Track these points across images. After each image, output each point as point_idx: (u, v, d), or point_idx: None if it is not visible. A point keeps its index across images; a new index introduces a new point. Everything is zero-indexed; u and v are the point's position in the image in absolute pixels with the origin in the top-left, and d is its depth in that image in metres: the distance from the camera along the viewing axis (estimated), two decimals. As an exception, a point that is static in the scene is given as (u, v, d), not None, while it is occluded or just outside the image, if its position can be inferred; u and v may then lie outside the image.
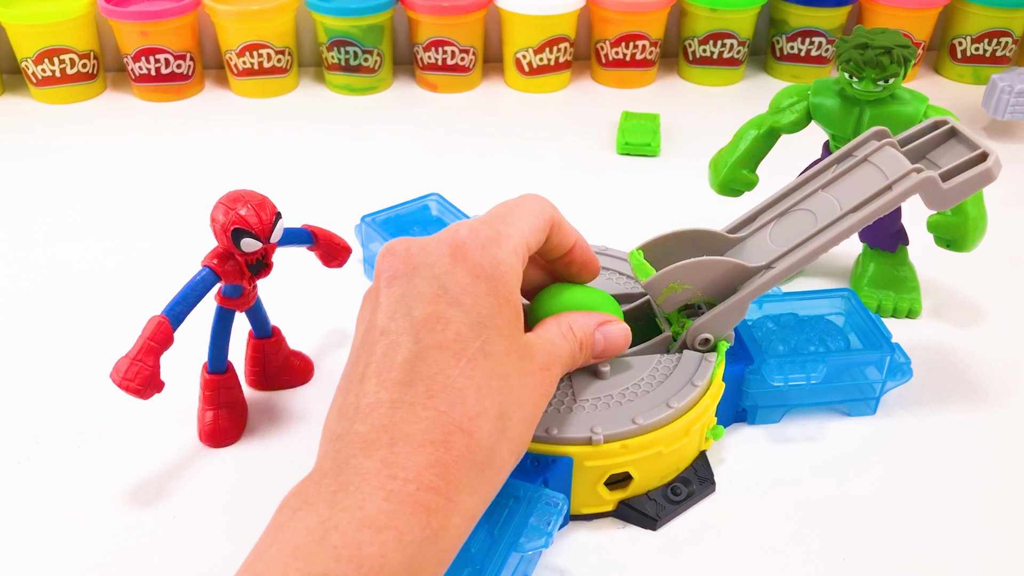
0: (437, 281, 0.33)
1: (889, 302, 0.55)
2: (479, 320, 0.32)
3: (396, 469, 0.29)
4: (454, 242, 0.33)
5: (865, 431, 0.46)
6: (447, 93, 0.87)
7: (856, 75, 0.49)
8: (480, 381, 0.31)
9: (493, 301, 0.33)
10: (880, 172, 0.42)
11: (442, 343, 0.31)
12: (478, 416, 0.31)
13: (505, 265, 0.34)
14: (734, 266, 0.41)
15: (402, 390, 0.31)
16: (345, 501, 0.28)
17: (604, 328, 0.39)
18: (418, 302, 0.32)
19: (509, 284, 0.33)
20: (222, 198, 0.40)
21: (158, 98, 0.85)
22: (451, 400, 0.30)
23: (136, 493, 0.42)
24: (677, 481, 0.42)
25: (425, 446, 0.29)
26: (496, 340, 0.32)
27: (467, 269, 0.33)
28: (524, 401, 0.33)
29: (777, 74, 0.90)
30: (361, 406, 0.31)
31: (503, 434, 0.31)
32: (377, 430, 0.30)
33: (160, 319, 0.39)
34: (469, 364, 0.31)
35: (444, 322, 0.32)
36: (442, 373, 0.31)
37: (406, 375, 0.31)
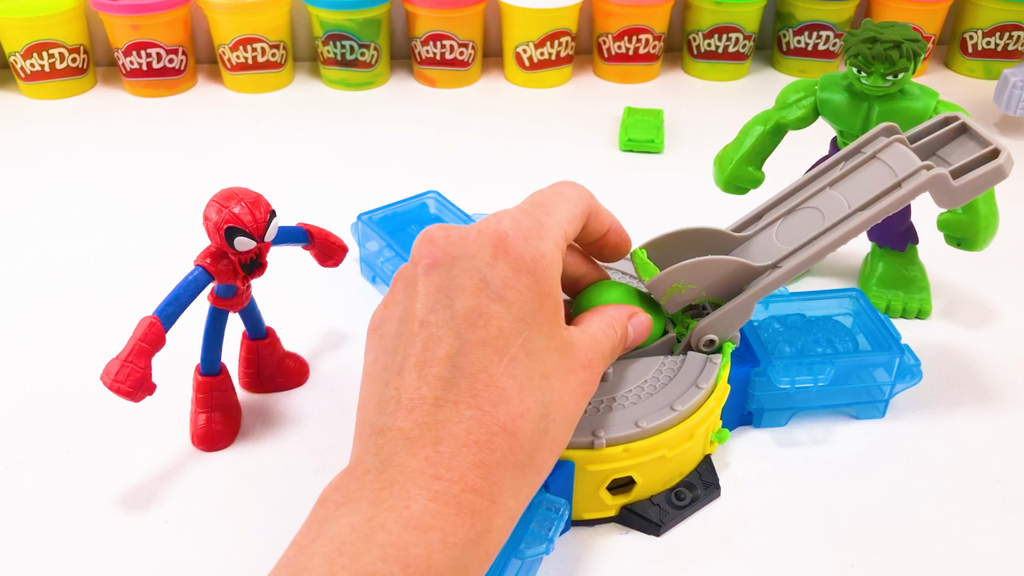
0: (479, 274, 0.33)
1: (898, 302, 0.55)
2: (521, 316, 0.32)
3: (441, 469, 0.29)
4: (496, 233, 0.33)
5: (874, 435, 0.46)
6: (445, 88, 0.87)
7: (864, 70, 0.49)
8: (523, 380, 0.31)
9: (535, 296, 0.33)
10: (889, 169, 0.42)
11: (484, 339, 0.32)
12: (521, 416, 0.31)
13: (547, 259, 0.34)
14: (739, 265, 0.41)
15: (444, 387, 0.31)
16: (390, 500, 0.28)
17: (634, 320, 0.39)
18: (459, 295, 0.32)
19: (551, 278, 0.34)
20: (215, 196, 0.40)
21: (150, 93, 0.85)
22: (494, 399, 0.31)
23: (127, 498, 0.42)
24: (681, 486, 0.42)
25: (469, 446, 0.30)
26: (538, 337, 0.32)
27: (509, 263, 0.33)
28: (567, 400, 0.33)
29: (784, 69, 0.90)
30: (403, 401, 0.31)
31: (545, 435, 0.32)
32: (421, 427, 0.30)
33: (151, 320, 0.39)
34: (512, 362, 0.31)
35: (486, 317, 0.32)
36: (485, 371, 0.31)
37: (448, 371, 0.31)
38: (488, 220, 0.34)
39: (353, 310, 0.55)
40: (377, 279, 0.57)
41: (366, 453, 0.31)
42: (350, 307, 0.55)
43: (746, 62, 0.89)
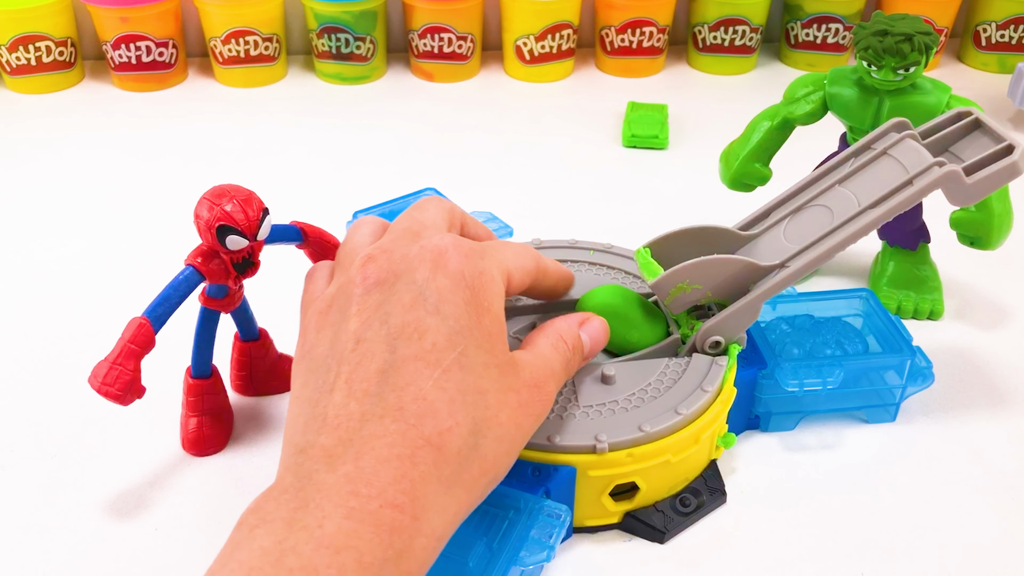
0: (416, 288, 0.33)
1: (909, 303, 0.54)
2: (457, 330, 0.32)
3: (359, 485, 0.29)
4: (436, 249, 0.34)
5: (884, 439, 0.46)
6: (443, 82, 0.87)
7: (875, 63, 0.49)
8: (454, 394, 0.31)
9: (473, 311, 0.33)
10: (900, 166, 0.42)
11: (417, 353, 0.31)
12: (448, 431, 0.31)
13: (487, 275, 0.34)
14: (746, 265, 0.41)
15: (372, 401, 0.31)
16: (304, 519, 0.28)
17: (586, 327, 0.39)
18: (396, 310, 0.32)
19: (491, 294, 0.34)
20: (206, 193, 0.40)
21: (139, 87, 0.85)
22: (421, 412, 0.30)
23: (116, 504, 0.42)
24: (686, 492, 0.42)
25: (391, 460, 0.29)
26: (475, 352, 0.32)
27: (448, 276, 0.33)
28: (503, 419, 0.32)
29: (792, 62, 0.90)
30: (328, 417, 0.31)
31: (474, 451, 0.31)
32: (344, 443, 0.30)
33: (141, 321, 0.39)
34: (444, 375, 0.31)
35: (421, 331, 0.32)
36: (414, 384, 0.31)
37: (377, 386, 0.31)
38: (431, 237, 0.35)
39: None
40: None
41: (287, 472, 0.30)
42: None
43: (753, 56, 0.89)
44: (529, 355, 0.35)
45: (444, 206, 0.38)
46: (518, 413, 0.33)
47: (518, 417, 0.33)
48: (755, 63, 0.90)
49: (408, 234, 0.36)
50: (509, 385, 0.33)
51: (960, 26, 0.93)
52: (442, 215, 0.38)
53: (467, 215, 0.39)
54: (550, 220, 0.64)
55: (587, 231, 0.56)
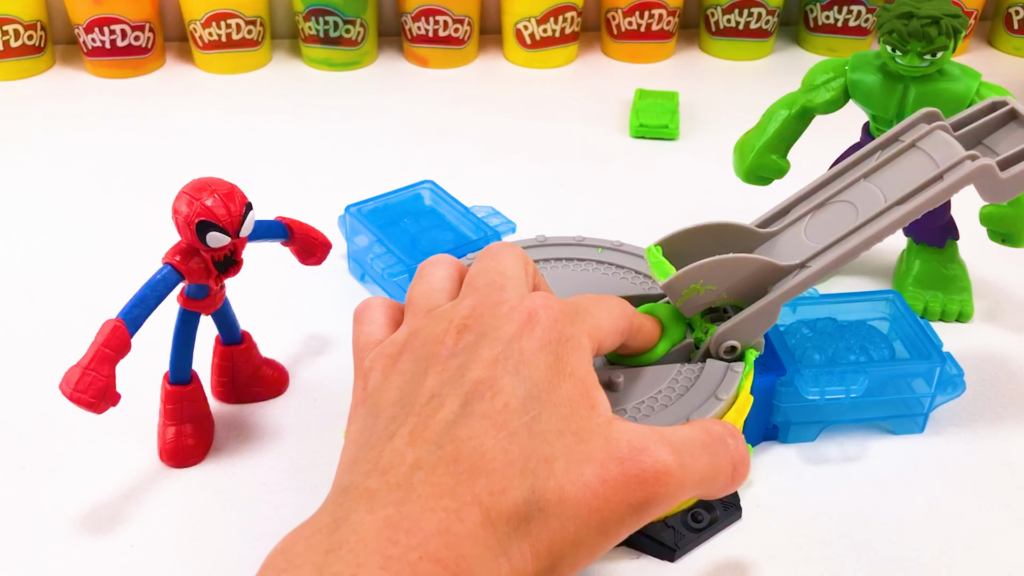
0: (500, 345, 0.33)
1: (937, 304, 0.54)
2: (534, 395, 0.32)
3: (400, 532, 0.28)
4: (527, 310, 0.34)
5: (912, 451, 0.46)
6: (439, 68, 0.87)
7: (900, 48, 0.49)
8: (515, 457, 0.30)
9: (554, 376, 0.32)
10: (930, 159, 0.41)
11: (487, 411, 0.31)
12: (501, 492, 0.30)
13: (574, 342, 0.34)
14: (764, 264, 0.41)
15: (429, 450, 0.30)
16: (336, 565, 0.27)
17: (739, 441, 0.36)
18: (475, 365, 0.32)
19: (575, 360, 0.33)
20: (185, 187, 0.40)
21: (113, 74, 0.85)
22: (476, 468, 0.30)
23: (88, 520, 0.42)
24: (698, 506, 0.42)
25: (436, 511, 0.29)
26: (548, 418, 0.32)
27: (534, 339, 0.33)
28: (569, 495, 0.30)
29: (811, 47, 0.90)
30: (381, 461, 0.31)
31: (527, 524, 0.30)
32: (389, 487, 0.29)
33: (115, 323, 0.39)
34: (509, 437, 0.31)
35: (495, 390, 0.32)
36: (476, 439, 0.30)
37: (439, 436, 0.31)
38: (519, 294, 0.35)
39: (339, 312, 0.55)
40: (367, 277, 0.56)
41: (324, 511, 0.30)
42: (335, 309, 0.55)
43: (769, 40, 0.89)
44: (638, 427, 0.33)
45: (518, 254, 0.38)
46: (598, 495, 0.31)
47: (596, 501, 0.31)
48: (772, 48, 0.90)
49: (492, 289, 0.36)
50: (588, 456, 0.31)
51: (991, 8, 0.93)
52: (519, 264, 0.37)
53: (529, 260, 0.39)
54: (554, 215, 0.64)
55: (594, 227, 0.56)
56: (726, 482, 0.35)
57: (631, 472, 0.31)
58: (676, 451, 0.32)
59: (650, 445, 0.32)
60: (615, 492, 0.31)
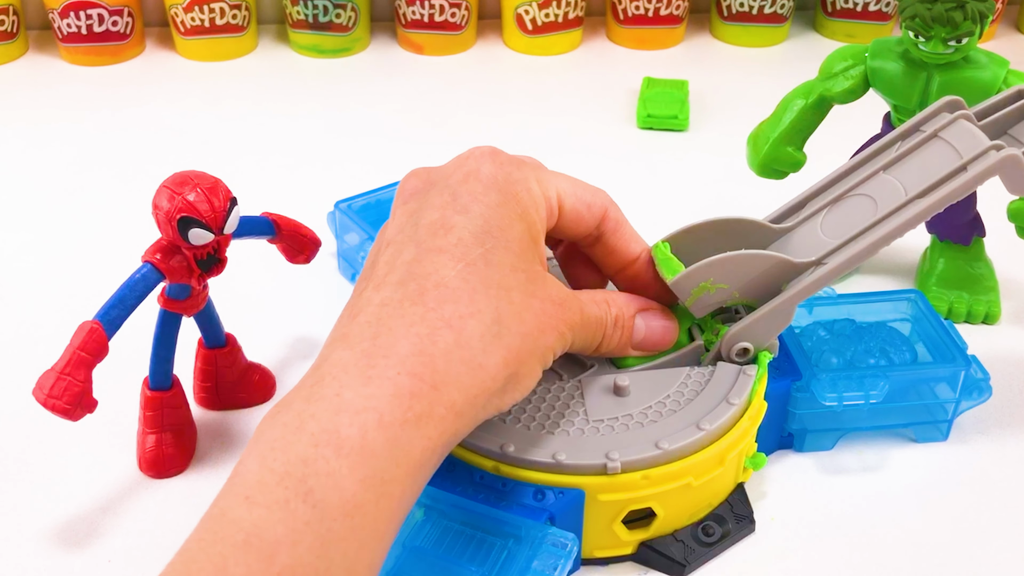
0: (449, 191, 0.37)
1: (962, 305, 0.54)
2: (486, 229, 0.36)
3: (376, 358, 0.32)
4: (472, 156, 0.38)
5: (935, 460, 0.46)
6: (435, 56, 0.87)
7: (923, 34, 0.49)
8: (476, 284, 0.35)
9: (504, 213, 0.37)
10: (953, 150, 0.42)
11: (442, 247, 0.35)
12: (469, 315, 0.34)
13: (521, 184, 0.38)
14: (778, 262, 0.41)
15: (393, 290, 0.34)
16: (322, 391, 0.32)
17: (646, 314, 0.41)
18: (426, 211, 0.37)
19: (524, 203, 0.37)
20: (166, 181, 0.40)
21: (90, 61, 0.85)
22: (441, 297, 0.34)
23: (64, 532, 0.42)
24: (709, 519, 0.42)
25: (409, 337, 0.33)
26: (502, 253, 0.36)
27: (480, 180, 0.37)
28: (527, 317, 0.35)
29: (829, 33, 0.90)
30: (354, 310, 0.35)
31: (497, 339, 0.34)
32: (361, 327, 0.34)
33: (92, 325, 0.39)
34: (467, 268, 0.35)
35: (447, 228, 0.36)
36: (437, 273, 0.35)
37: (401, 276, 0.35)
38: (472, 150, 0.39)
39: (328, 313, 0.55)
40: (357, 277, 0.56)
41: (309, 370, 0.34)
42: (325, 310, 0.55)
43: (785, 25, 0.89)
44: (566, 289, 0.38)
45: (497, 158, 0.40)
46: (543, 318, 0.36)
47: (542, 322, 0.36)
48: (787, 33, 0.90)
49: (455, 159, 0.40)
50: (534, 292, 0.36)
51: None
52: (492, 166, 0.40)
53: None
54: (555, 211, 0.64)
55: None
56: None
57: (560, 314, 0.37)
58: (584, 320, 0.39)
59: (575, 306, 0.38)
60: (552, 322, 0.37)
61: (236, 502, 0.30)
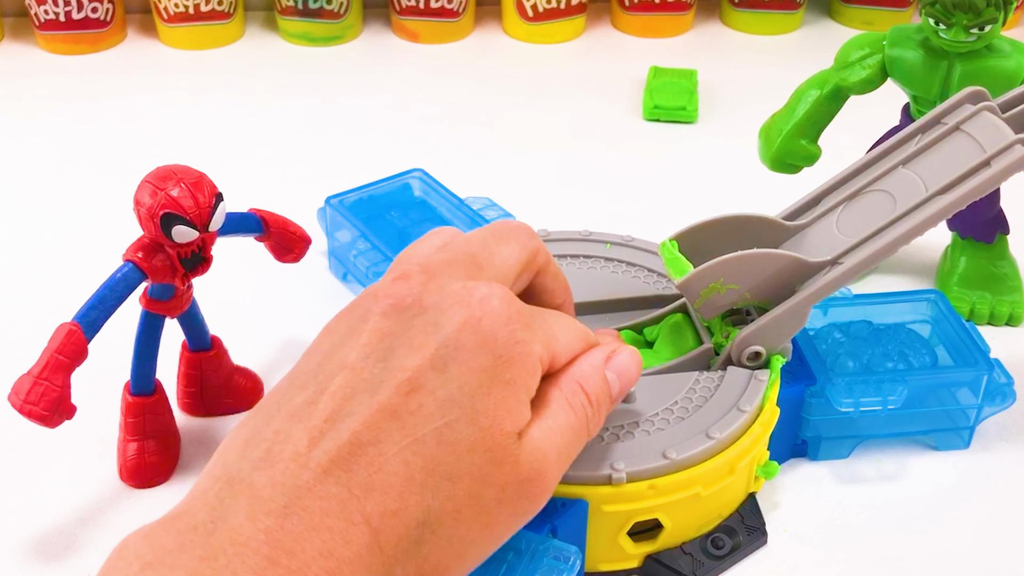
0: (439, 333, 0.33)
1: (985, 306, 0.54)
2: (456, 396, 0.32)
3: (280, 552, 0.29)
4: (479, 297, 0.33)
5: (956, 469, 0.46)
6: (431, 44, 0.87)
7: (943, 21, 0.49)
8: (416, 471, 0.31)
9: (488, 379, 0.33)
10: (976, 144, 0.42)
11: (398, 411, 0.32)
12: (393, 514, 0.31)
13: (522, 348, 0.33)
14: (792, 261, 0.41)
15: (326, 450, 0.31)
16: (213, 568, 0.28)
17: (613, 364, 0.37)
18: (402, 350, 0.33)
19: (519, 367, 0.33)
20: (149, 176, 0.40)
21: (68, 50, 0.85)
22: (370, 484, 0.31)
23: (41, 545, 0.42)
24: (719, 531, 0.42)
25: (321, 531, 0.30)
26: (464, 428, 0.32)
27: (477, 332, 0.33)
28: (466, 516, 0.32)
29: (845, 20, 0.90)
30: (273, 451, 0.31)
31: (416, 547, 0.31)
32: (275, 488, 0.30)
33: (70, 327, 0.39)
34: (414, 445, 0.31)
35: (414, 387, 0.32)
36: (377, 446, 0.31)
37: (340, 433, 0.31)
38: (484, 286, 0.34)
39: (319, 315, 0.55)
40: (349, 276, 0.56)
41: (202, 502, 0.30)
42: (314, 311, 0.55)
43: (799, 11, 0.89)
44: (537, 430, 0.34)
45: (528, 244, 0.38)
46: (493, 513, 0.33)
47: (491, 518, 0.33)
48: (801, 20, 0.90)
49: (468, 261, 0.35)
50: (494, 479, 0.32)
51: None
52: (521, 254, 0.37)
53: (552, 262, 0.39)
54: (558, 207, 0.64)
55: (602, 220, 0.56)
56: None
57: (525, 493, 0.33)
58: (563, 453, 0.35)
59: (549, 467, 0.34)
60: (509, 508, 0.33)
61: None
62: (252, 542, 0.29)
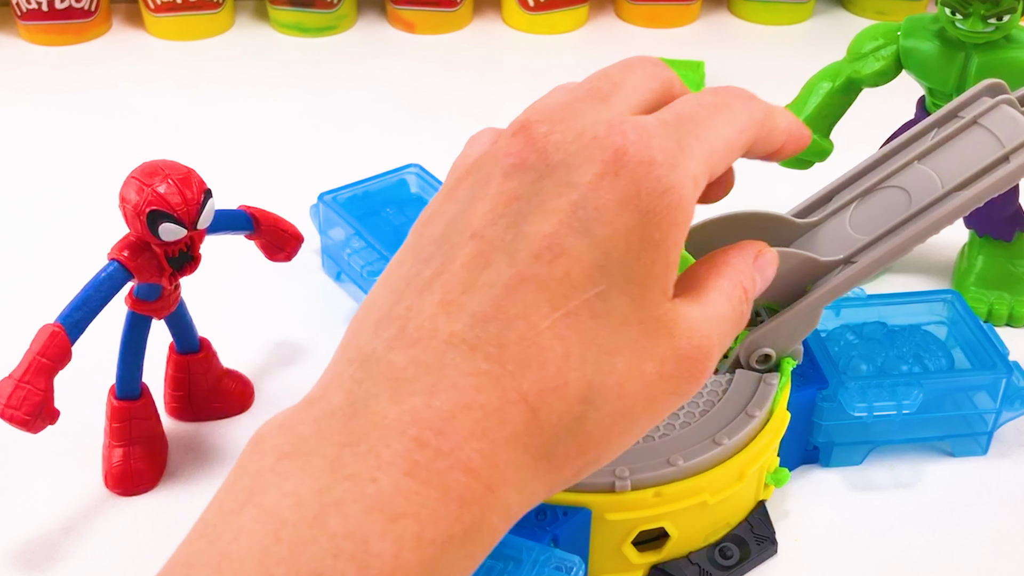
0: (573, 192, 0.30)
1: (1003, 306, 0.54)
2: (604, 264, 0.30)
3: (429, 432, 0.28)
4: (616, 147, 0.31)
5: (973, 475, 0.46)
6: (428, 34, 0.87)
7: (961, 11, 0.49)
8: (572, 345, 0.30)
9: (637, 242, 0.30)
10: (994, 138, 0.42)
11: (543, 279, 0.30)
12: (552, 391, 0.29)
13: (672, 196, 0.31)
14: (803, 260, 0.41)
15: (469, 324, 0.29)
16: (354, 465, 0.27)
17: (760, 263, 0.36)
18: (536, 213, 0.30)
19: (667, 224, 0.31)
20: (135, 171, 0.40)
21: (51, 40, 0.85)
22: (524, 358, 0.29)
23: (23, 555, 0.42)
24: (727, 540, 0.42)
25: (473, 408, 0.28)
26: (617, 297, 0.30)
27: (617, 188, 0.30)
28: (629, 391, 0.30)
29: (858, 9, 0.90)
30: (409, 327, 0.30)
31: (579, 424, 0.30)
32: (419, 367, 0.29)
33: (53, 329, 0.39)
34: (566, 318, 0.30)
35: (556, 252, 0.30)
36: (526, 319, 0.29)
37: (481, 305, 0.30)
38: (614, 123, 0.31)
39: (311, 315, 0.55)
40: (343, 275, 0.56)
41: (338, 385, 0.30)
42: (307, 312, 0.55)
43: (810, 1, 0.89)
44: (696, 311, 0.32)
45: (661, 75, 0.35)
46: (655, 388, 0.31)
47: (653, 394, 0.31)
48: (812, 10, 0.90)
49: (592, 95, 0.33)
50: (651, 351, 0.31)
51: (1065, -35, 0.93)
52: (652, 82, 0.34)
53: (685, 86, 0.36)
54: (559, 204, 0.64)
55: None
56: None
57: (686, 370, 0.32)
58: (724, 338, 0.33)
59: (711, 349, 0.32)
60: (669, 386, 0.31)
61: None
62: (397, 424, 0.28)
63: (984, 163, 0.41)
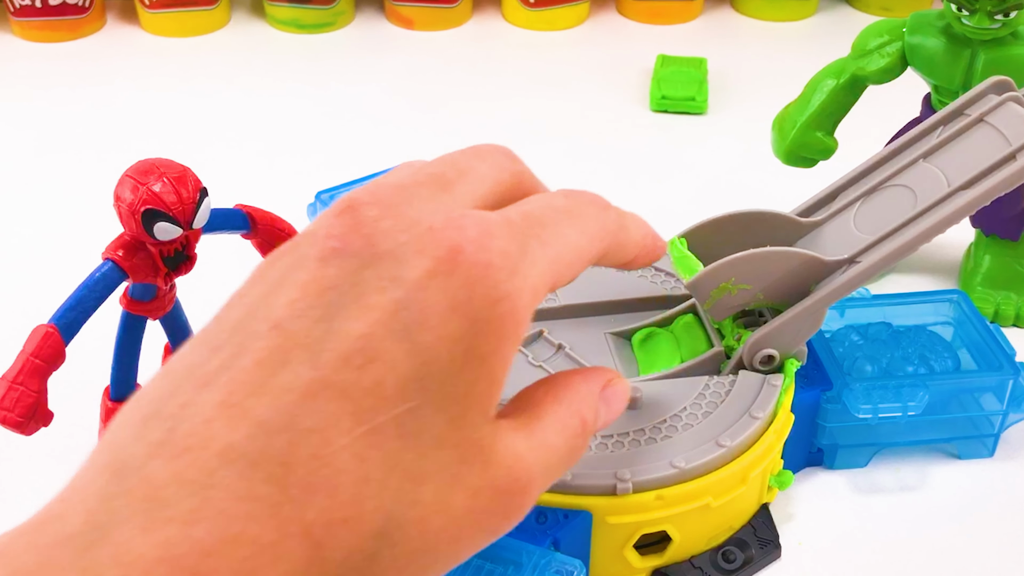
0: (397, 289, 0.27)
1: (1010, 306, 0.55)
2: (422, 376, 0.26)
3: (181, 572, 0.23)
4: (451, 243, 0.27)
5: (980, 478, 0.46)
6: (427, 31, 0.87)
7: (967, 6, 0.49)
8: (372, 469, 0.25)
9: (460, 353, 0.27)
10: (1001, 136, 0.42)
11: (347, 388, 0.25)
12: (343, 523, 0.25)
13: (505, 307, 0.27)
14: (807, 260, 0.41)
15: (251, 435, 0.25)
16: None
17: (607, 394, 0.33)
18: (352, 308, 0.26)
19: (497, 339, 0.27)
20: (129, 170, 0.40)
21: (45, 37, 0.85)
22: (313, 482, 0.25)
23: (16, 559, 0.42)
24: (730, 544, 0.42)
25: (241, 543, 0.23)
26: (432, 416, 0.26)
27: (448, 290, 0.27)
28: (432, 527, 0.26)
29: (863, 6, 0.90)
30: (179, 431, 0.25)
31: (370, 563, 0.25)
32: (182, 485, 0.24)
33: (47, 329, 0.39)
34: (369, 436, 0.25)
35: (370, 356, 0.26)
36: (322, 433, 0.25)
37: (270, 413, 0.25)
38: (453, 217, 0.28)
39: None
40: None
41: (80, 500, 0.25)
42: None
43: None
44: (522, 439, 0.29)
45: (512, 167, 0.33)
46: (461, 525, 0.27)
47: (458, 530, 0.27)
48: (816, 6, 0.90)
49: (434, 182, 0.30)
50: (463, 480, 0.27)
51: (1073, -39, 0.93)
52: (501, 174, 0.32)
53: (538, 182, 0.34)
54: (560, 203, 0.64)
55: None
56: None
57: (500, 505, 0.28)
58: (549, 474, 0.30)
59: (533, 484, 0.29)
60: (479, 522, 0.28)
61: None
62: (142, 561, 0.23)
63: (991, 161, 0.41)
